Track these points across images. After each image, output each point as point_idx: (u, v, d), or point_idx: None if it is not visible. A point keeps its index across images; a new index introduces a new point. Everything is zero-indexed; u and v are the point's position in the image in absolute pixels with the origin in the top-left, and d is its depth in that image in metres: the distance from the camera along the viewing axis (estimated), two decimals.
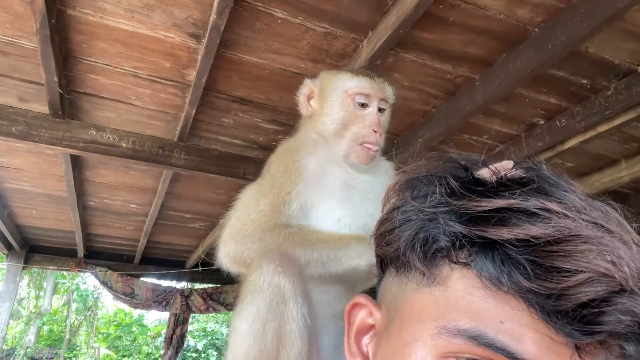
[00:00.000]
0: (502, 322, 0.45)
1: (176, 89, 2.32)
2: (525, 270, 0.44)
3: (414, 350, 0.49)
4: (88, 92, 2.37)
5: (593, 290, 0.42)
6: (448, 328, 0.46)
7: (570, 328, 0.42)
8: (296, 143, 1.42)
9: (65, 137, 2.52)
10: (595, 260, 0.42)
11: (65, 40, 1.98)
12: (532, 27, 1.83)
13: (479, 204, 0.48)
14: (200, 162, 2.81)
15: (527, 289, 0.43)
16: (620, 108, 2.11)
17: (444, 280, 0.50)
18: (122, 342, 13.04)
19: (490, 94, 2.08)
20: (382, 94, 1.39)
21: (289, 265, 1.14)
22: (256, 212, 1.26)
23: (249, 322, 1.10)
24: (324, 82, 1.45)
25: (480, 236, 0.47)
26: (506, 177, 0.51)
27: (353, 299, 0.62)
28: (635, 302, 0.42)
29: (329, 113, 1.39)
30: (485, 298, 0.46)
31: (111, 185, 3.62)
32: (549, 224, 0.45)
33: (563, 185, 0.51)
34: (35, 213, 4.37)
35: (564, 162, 2.97)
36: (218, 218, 4.30)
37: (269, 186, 1.29)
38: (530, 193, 0.48)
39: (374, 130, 1.34)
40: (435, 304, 0.49)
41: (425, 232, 0.51)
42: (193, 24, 1.87)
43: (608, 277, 0.42)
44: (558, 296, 0.42)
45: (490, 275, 0.46)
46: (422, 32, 1.88)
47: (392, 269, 0.58)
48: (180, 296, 5.82)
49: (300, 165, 1.30)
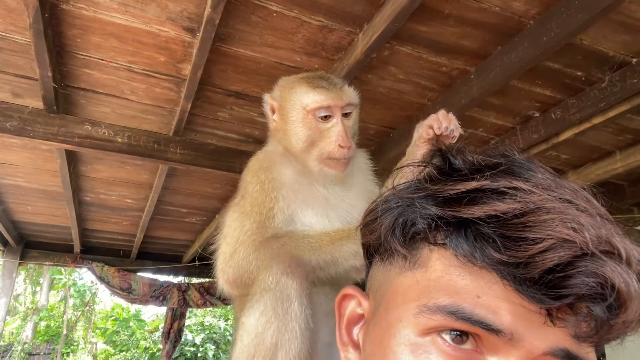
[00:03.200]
0: (478, 296, 0.48)
1: (171, 83, 2.31)
2: (495, 243, 0.47)
3: (398, 330, 0.52)
4: (83, 87, 2.36)
5: (557, 256, 0.44)
6: (429, 306, 0.49)
7: (540, 294, 0.45)
8: (267, 158, 1.40)
9: (60, 133, 2.51)
10: (557, 228, 0.45)
11: (59, 34, 1.97)
12: (527, 19, 1.83)
13: (452, 187, 0.51)
14: (196, 156, 2.81)
15: (498, 260, 0.47)
16: (614, 100, 2.11)
17: (424, 263, 0.53)
18: (119, 337, 13.04)
19: (486, 87, 2.08)
20: (343, 102, 1.33)
21: (297, 268, 1.17)
22: (244, 233, 1.27)
23: (256, 317, 1.13)
24: (282, 96, 1.40)
25: (454, 216, 0.50)
26: (479, 162, 0.55)
27: (342, 290, 0.65)
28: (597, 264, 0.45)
29: (292, 132, 1.34)
30: (462, 275, 0.49)
31: (107, 180, 3.61)
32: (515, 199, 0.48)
33: (531, 167, 0.54)
34: (31, 209, 4.36)
35: (559, 154, 2.98)
36: (215, 212, 4.33)
37: (250, 206, 1.30)
38: (500, 174, 0.51)
39: (341, 146, 1.29)
40: (417, 285, 0.52)
41: (404, 217, 0.55)
42: (188, 17, 1.86)
43: (570, 242, 0.45)
44: (526, 264, 0.45)
45: (464, 252, 0.49)
46: (417, 25, 1.87)
47: (377, 258, 0.61)
48: (178, 291, 5.82)
49: (276, 183, 1.30)
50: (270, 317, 1.12)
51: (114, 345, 13.00)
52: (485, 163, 0.54)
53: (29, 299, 14.21)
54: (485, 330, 0.47)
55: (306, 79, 1.38)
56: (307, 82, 1.36)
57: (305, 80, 1.38)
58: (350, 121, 1.37)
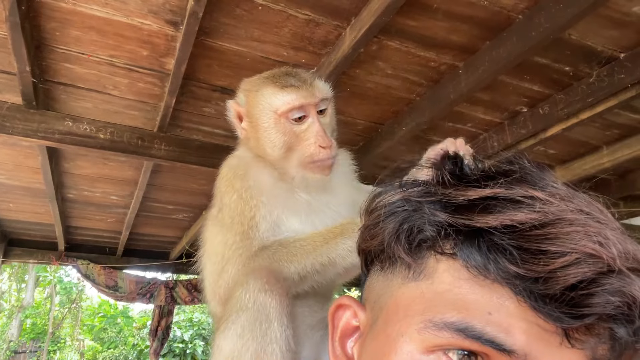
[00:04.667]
0: (490, 313, 0.44)
1: (155, 78, 2.26)
2: (512, 255, 0.43)
3: (400, 346, 0.48)
4: (63, 81, 2.29)
5: (581, 272, 0.41)
6: (435, 321, 0.46)
7: (558, 312, 0.42)
8: (241, 165, 1.29)
9: (40, 129, 2.44)
10: (582, 242, 0.42)
11: (37, 27, 1.91)
12: (516, 13, 1.81)
13: (464, 193, 0.48)
14: (181, 152, 2.76)
15: (514, 274, 0.43)
16: (602, 95, 2.11)
17: (430, 273, 0.49)
18: (107, 333, 12.94)
19: (474, 82, 2.06)
20: (317, 98, 1.21)
21: (276, 284, 1.08)
22: (228, 248, 1.18)
23: (233, 340, 1.04)
24: (248, 101, 1.28)
25: (466, 224, 0.47)
26: (490, 168, 0.51)
27: (336, 300, 0.60)
28: (624, 282, 0.41)
29: (266, 139, 1.22)
30: (473, 289, 0.45)
31: (90, 177, 3.54)
32: (533, 209, 0.45)
33: (545, 176, 0.51)
34: (13, 206, 4.27)
35: (546, 150, 2.99)
36: (202, 209, 4.28)
37: (229, 218, 1.20)
38: (514, 182, 0.48)
39: (321, 147, 1.19)
40: (422, 297, 0.48)
41: (410, 223, 0.51)
42: (170, 10, 1.81)
43: (595, 257, 0.42)
44: (545, 279, 0.42)
45: (476, 264, 0.46)
46: (405, 19, 1.85)
47: (377, 266, 0.57)
48: (165, 288, 5.77)
49: (254, 190, 1.20)
50: (247, 340, 1.03)
51: (102, 342, 12.91)
52: (497, 170, 0.51)
53: (14, 296, 14.02)
54: (497, 351, 0.43)
55: (272, 79, 1.26)
56: (274, 81, 1.24)
57: (271, 79, 1.26)
58: (327, 118, 1.26)
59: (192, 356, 11.30)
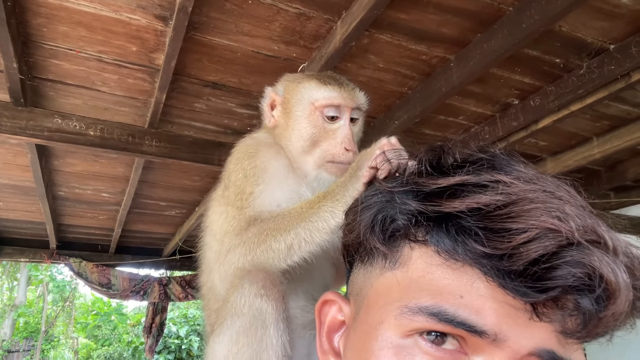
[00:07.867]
0: (462, 296, 0.46)
1: (144, 73, 2.24)
2: (478, 235, 0.46)
3: (380, 333, 0.50)
4: (51, 78, 2.26)
5: (542, 246, 0.43)
6: (410, 307, 0.48)
7: (524, 287, 0.44)
8: (254, 144, 1.30)
9: (29, 126, 2.41)
10: (542, 217, 0.44)
11: (24, 23, 1.88)
12: (507, 6, 1.81)
13: (434, 181, 0.51)
14: (172, 149, 2.74)
15: (481, 253, 0.46)
16: (592, 87, 2.13)
17: (405, 261, 0.51)
18: (101, 331, 12.90)
19: (466, 75, 2.07)
20: (354, 103, 1.25)
21: (273, 288, 1.05)
22: (227, 222, 1.19)
23: (228, 346, 1.02)
24: (287, 91, 1.31)
25: (435, 210, 0.49)
26: (461, 158, 0.54)
27: (322, 296, 0.63)
28: (584, 253, 0.43)
29: (295, 128, 1.25)
30: (445, 274, 0.48)
31: (81, 174, 3.51)
32: (497, 191, 0.47)
33: (512, 161, 0.53)
34: (3, 205, 4.22)
35: (537, 142, 3.01)
36: (194, 205, 4.26)
37: (234, 195, 1.21)
38: (482, 169, 0.51)
39: (346, 149, 1.21)
40: (398, 285, 0.51)
41: (383, 213, 0.53)
42: (159, 5, 1.79)
43: (555, 231, 0.44)
44: (510, 256, 0.44)
45: (446, 247, 0.48)
46: (397, 12, 1.84)
47: (358, 260, 0.59)
48: (158, 285, 5.75)
49: (259, 170, 1.21)
50: (242, 346, 1.01)
51: (96, 339, 12.87)
52: (466, 159, 0.53)
53: (6, 295, 13.91)
54: (469, 332, 0.45)
55: (317, 76, 1.30)
56: (318, 78, 1.28)
57: (315, 76, 1.30)
58: (356, 127, 1.29)
59: (188, 352, 11.30)
